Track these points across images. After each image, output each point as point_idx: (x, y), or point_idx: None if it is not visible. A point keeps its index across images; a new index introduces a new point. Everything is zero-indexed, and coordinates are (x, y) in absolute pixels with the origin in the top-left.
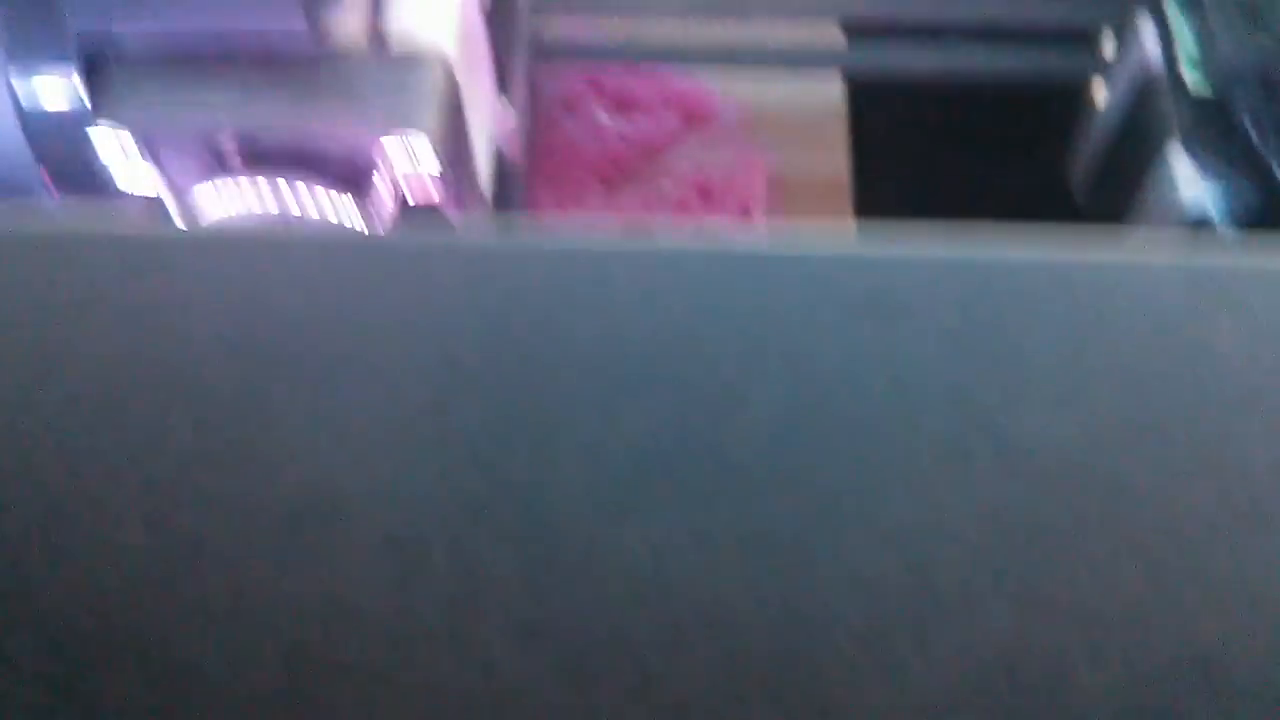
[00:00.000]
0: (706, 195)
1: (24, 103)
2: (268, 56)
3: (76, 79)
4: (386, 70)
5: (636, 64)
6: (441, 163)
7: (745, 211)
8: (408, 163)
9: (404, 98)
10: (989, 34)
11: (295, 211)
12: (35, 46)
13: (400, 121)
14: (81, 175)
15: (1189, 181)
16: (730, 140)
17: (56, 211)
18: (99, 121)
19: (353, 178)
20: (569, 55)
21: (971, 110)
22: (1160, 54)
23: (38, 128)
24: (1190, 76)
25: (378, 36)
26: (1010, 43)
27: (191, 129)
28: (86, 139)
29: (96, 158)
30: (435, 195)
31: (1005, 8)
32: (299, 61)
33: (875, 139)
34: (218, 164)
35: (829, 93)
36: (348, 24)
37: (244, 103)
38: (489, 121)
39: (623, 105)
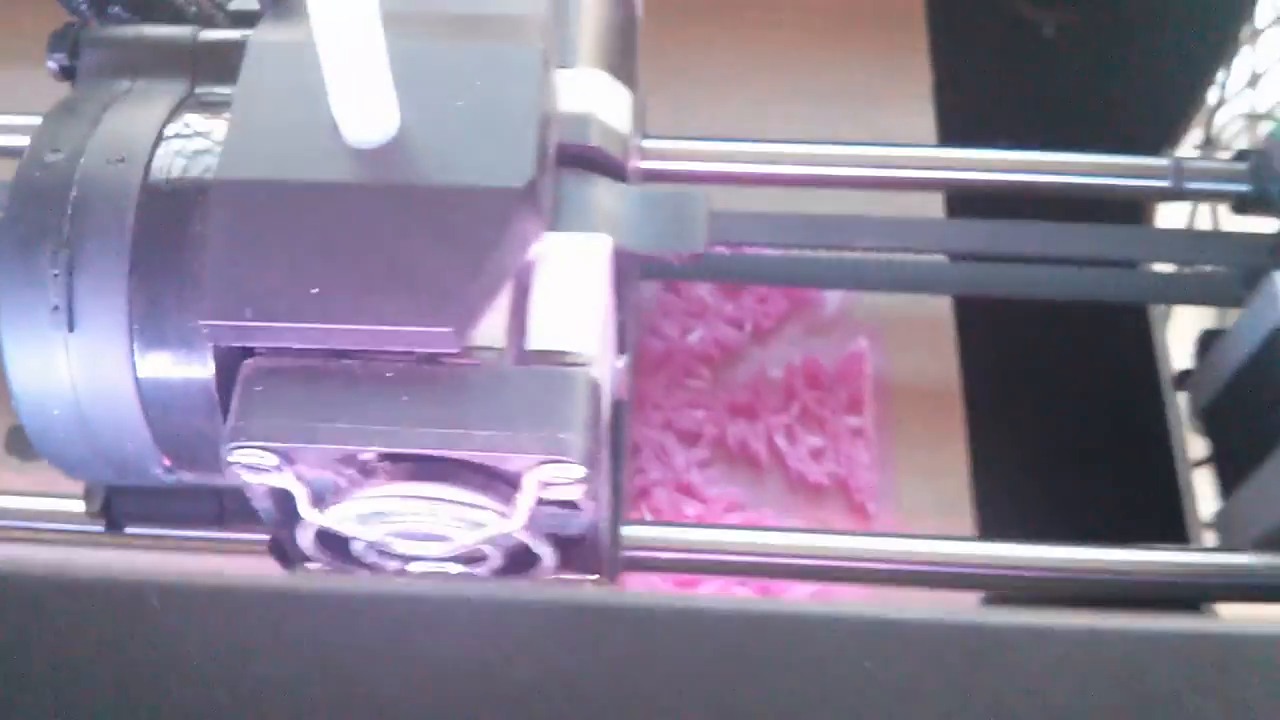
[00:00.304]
0: (815, 383)
1: (142, 374)
2: (411, 365)
3: (210, 364)
4: (533, 385)
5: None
6: (586, 475)
7: (855, 404)
8: (554, 479)
9: (553, 420)
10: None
11: (436, 518)
12: (164, 324)
13: (550, 449)
14: (200, 453)
15: None
16: (835, 327)
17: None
18: (239, 444)
19: (497, 489)
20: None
21: (1074, 323)
22: None
23: (157, 402)
24: None
25: (521, 344)
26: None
27: (336, 449)
28: (208, 418)
29: (217, 435)
30: (576, 499)
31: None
32: (443, 372)
33: (979, 344)
34: (359, 473)
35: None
36: (490, 332)
37: (389, 419)
38: (612, 385)
39: (727, 287)
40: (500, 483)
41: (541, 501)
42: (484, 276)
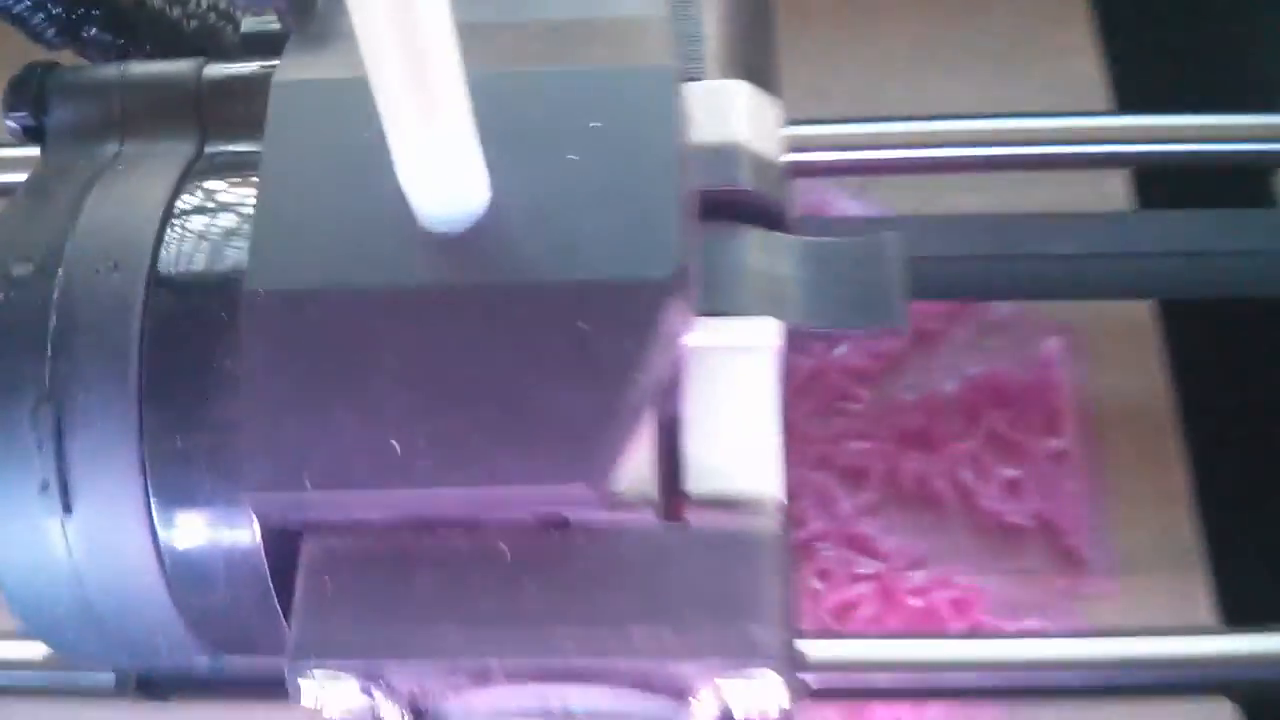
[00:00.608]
0: (1001, 399)
1: (168, 557)
2: (531, 534)
3: (257, 534)
4: (701, 553)
5: None
6: (786, 682)
7: (1054, 422)
8: (744, 695)
9: (735, 609)
10: None
11: None
12: (192, 490)
13: (736, 652)
14: (251, 639)
15: None
16: (1014, 326)
17: None
18: (310, 665)
19: (662, 691)
20: None
21: None
22: None
23: (189, 588)
24: None
25: (677, 491)
26: None
27: (430, 662)
28: (258, 600)
29: (270, 617)
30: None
31: None
32: (576, 541)
33: (1186, 345)
34: (470, 680)
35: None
36: (634, 476)
37: (509, 616)
38: None
39: None
40: (667, 687)
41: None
42: (624, 405)
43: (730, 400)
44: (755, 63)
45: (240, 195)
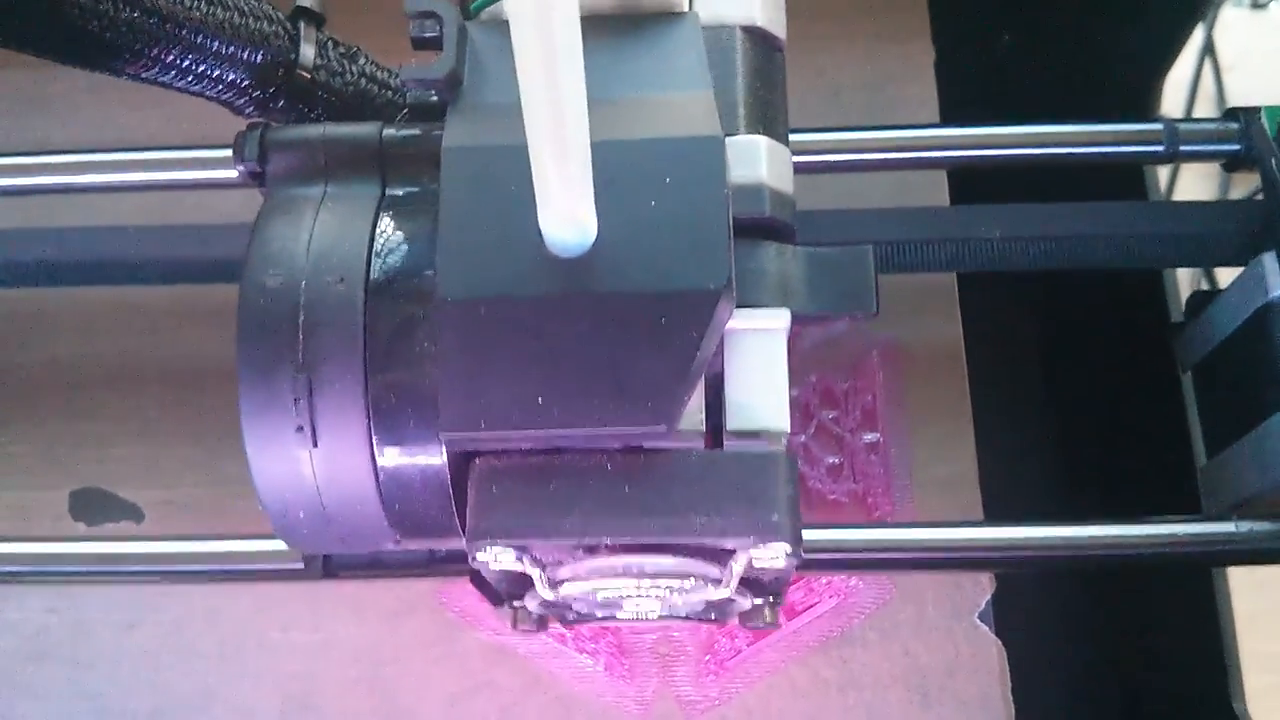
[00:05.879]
0: (830, 400)
1: (383, 477)
2: (626, 455)
3: (441, 459)
4: (738, 468)
5: None
6: (793, 550)
7: (868, 414)
8: (763, 555)
9: (761, 504)
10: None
11: (655, 583)
12: (400, 432)
13: (762, 533)
14: (428, 529)
15: None
16: (846, 342)
17: None
18: (484, 542)
19: (709, 559)
20: None
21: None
22: None
23: (394, 497)
24: None
25: (721, 426)
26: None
27: (562, 540)
28: (439, 504)
29: (444, 514)
30: (786, 569)
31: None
32: (656, 460)
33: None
34: (585, 551)
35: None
36: (692, 416)
37: (614, 511)
38: None
39: None
40: (713, 554)
41: (749, 570)
42: (690, 374)
43: (755, 365)
44: (773, 117)
45: (418, 225)
